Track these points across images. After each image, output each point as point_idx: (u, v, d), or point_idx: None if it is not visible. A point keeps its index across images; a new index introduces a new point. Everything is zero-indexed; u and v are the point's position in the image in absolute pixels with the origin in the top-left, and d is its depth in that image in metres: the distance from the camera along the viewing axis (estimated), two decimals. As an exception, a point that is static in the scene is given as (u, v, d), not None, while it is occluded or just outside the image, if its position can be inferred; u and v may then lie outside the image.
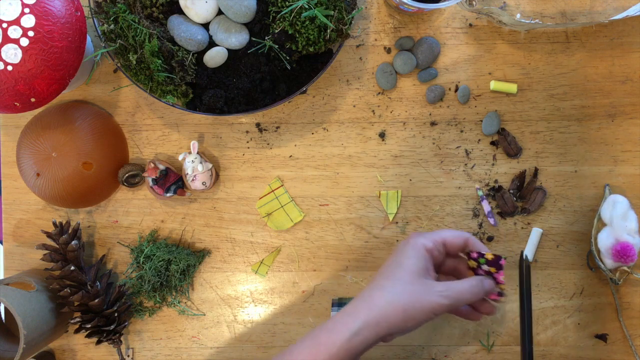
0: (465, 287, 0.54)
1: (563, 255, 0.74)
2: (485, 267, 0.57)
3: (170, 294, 0.75)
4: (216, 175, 0.74)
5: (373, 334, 0.51)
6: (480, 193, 0.74)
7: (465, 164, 0.74)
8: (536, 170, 0.74)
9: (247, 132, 0.75)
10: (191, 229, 0.75)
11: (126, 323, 0.72)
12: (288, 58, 0.67)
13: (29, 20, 0.59)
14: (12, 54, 0.59)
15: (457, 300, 0.53)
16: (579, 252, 0.74)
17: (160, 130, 0.75)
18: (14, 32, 0.59)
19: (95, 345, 0.72)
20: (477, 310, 0.59)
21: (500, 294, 0.58)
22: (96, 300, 0.69)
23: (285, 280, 0.75)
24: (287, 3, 0.65)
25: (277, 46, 0.67)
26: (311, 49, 0.67)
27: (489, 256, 0.56)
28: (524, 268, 0.59)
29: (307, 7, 0.63)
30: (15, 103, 0.62)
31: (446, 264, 0.60)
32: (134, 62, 0.65)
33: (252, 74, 0.68)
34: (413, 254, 0.55)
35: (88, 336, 0.71)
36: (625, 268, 0.70)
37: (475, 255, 0.57)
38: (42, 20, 0.60)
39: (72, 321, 0.69)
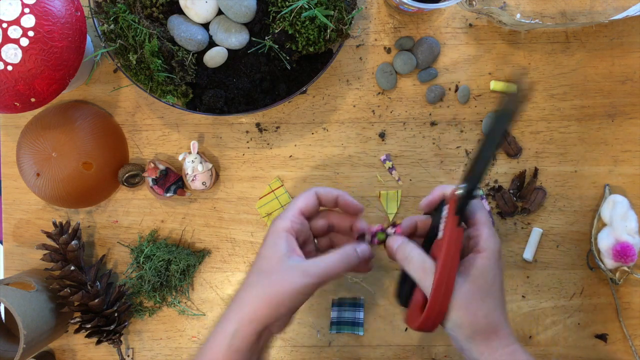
0: (333, 260, 0.53)
1: (563, 255, 0.74)
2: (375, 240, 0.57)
3: (170, 294, 0.75)
4: (216, 175, 0.74)
5: (250, 331, 0.51)
6: (480, 193, 0.74)
7: (465, 164, 0.74)
8: (536, 170, 0.74)
9: (247, 132, 0.75)
10: (191, 229, 0.75)
11: (126, 323, 0.72)
12: (288, 58, 0.67)
13: (29, 20, 0.59)
14: (12, 54, 0.59)
15: (322, 277, 0.52)
16: (579, 252, 0.74)
17: (160, 130, 0.75)
18: (14, 32, 0.59)
19: (95, 345, 0.72)
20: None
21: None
22: (96, 300, 0.69)
23: (285, 280, 0.75)
24: (287, 3, 0.65)
25: (277, 46, 0.67)
26: (311, 49, 0.67)
27: (380, 233, 0.57)
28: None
29: (307, 7, 0.63)
30: (15, 103, 0.62)
31: (319, 224, 0.60)
32: (134, 62, 0.65)
33: (252, 74, 0.68)
34: (273, 241, 0.54)
35: (88, 336, 0.71)
36: (625, 268, 0.70)
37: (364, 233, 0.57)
38: (42, 20, 0.60)
39: (72, 321, 0.69)
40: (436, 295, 0.49)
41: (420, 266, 0.51)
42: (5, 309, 0.76)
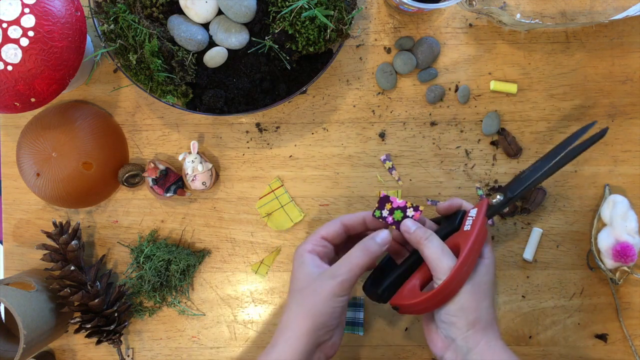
0: (356, 255, 0.57)
1: (563, 255, 0.74)
2: (389, 219, 0.61)
3: (170, 294, 0.75)
4: (216, 175, 0.74)
5: (299, 349, 0.54)
6: (480, 193, 0.74)
7: (465, 164, 0.74)
8: (536, 170, 0.74)
9: (247, 132, 0.75)
10: (191, 229, 0.75)
11: (126, 323, 0.72)
12: (288, 58, 0.67)
13: (29, 20, 0.59)
14: (12, 54, 0.59)
15: (350, 273, 0.55)
16: (579, 252, 0.74)
17: (160, 130, 0.75)
18: (14, 32, 0.59)
19: (95, 345, 0.72)
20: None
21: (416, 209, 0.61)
22: (96, 300, 0.69)
23: (285, 280, 0.75)
24: (287, 3, 0.65)
25: (277, 46, 0.67)
26: (311, 49, 0.67)
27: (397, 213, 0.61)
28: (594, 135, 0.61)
29: (307, 7, 0.63)
30: (15, 103, 0.62)
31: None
32: (134, 62, 0.65)
33: (252, 74, 0.68)
34: (299, 263, 0.59)
35: (88, 336, 0.71)
36: (625, 268, 0.70)
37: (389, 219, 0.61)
38: (42, 20, 0.60)
39: (72, 321, 0.69)
40: (459, 271, 0.54)
41: (440, 246, 0.56)
42: (5, 309, 0.76)
